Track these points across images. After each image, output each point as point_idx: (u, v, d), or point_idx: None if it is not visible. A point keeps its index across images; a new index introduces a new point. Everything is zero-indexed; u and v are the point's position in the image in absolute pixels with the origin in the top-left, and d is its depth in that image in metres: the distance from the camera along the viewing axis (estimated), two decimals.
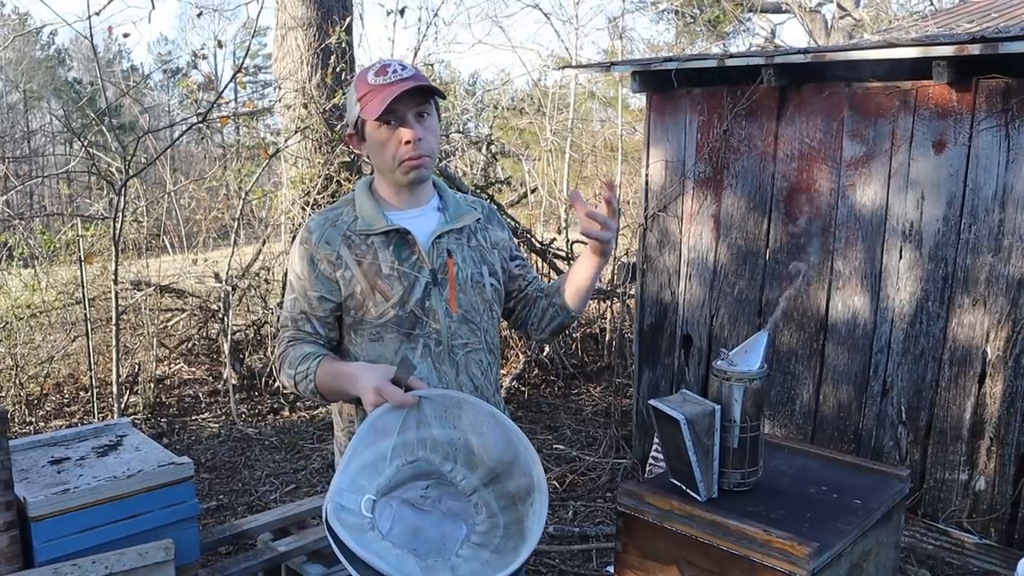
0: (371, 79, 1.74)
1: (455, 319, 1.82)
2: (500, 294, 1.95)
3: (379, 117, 1.71)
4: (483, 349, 1.89)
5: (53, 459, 2.71)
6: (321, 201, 6.20)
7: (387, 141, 1.75)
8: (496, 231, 1.96)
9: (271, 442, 5.03)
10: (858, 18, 12.13)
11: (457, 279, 1.82)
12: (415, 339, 1.79)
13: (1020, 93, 3.23)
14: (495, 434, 1.68)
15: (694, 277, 4.32)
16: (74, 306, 5.94)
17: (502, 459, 1.67)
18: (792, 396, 4.04)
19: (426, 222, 1.84)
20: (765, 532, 1.61)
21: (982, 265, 3.40)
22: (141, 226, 6.65)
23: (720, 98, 4.07)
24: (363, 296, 1.78)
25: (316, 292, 1.80)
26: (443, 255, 1.82)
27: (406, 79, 1.72)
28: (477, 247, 1.89)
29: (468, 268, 1.85)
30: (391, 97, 1.68)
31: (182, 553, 2.58)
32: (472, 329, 1.86)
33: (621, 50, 10.14)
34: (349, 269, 1.78)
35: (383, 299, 1.77)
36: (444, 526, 1.63)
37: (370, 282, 1.77)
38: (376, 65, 1.76)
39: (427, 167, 1.79)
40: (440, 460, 1.68)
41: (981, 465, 3.50)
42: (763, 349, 1.81)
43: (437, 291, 1.80)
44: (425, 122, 1.76)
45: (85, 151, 5.48)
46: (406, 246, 1.80)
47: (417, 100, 1.73)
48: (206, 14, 6.12)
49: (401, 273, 1.78)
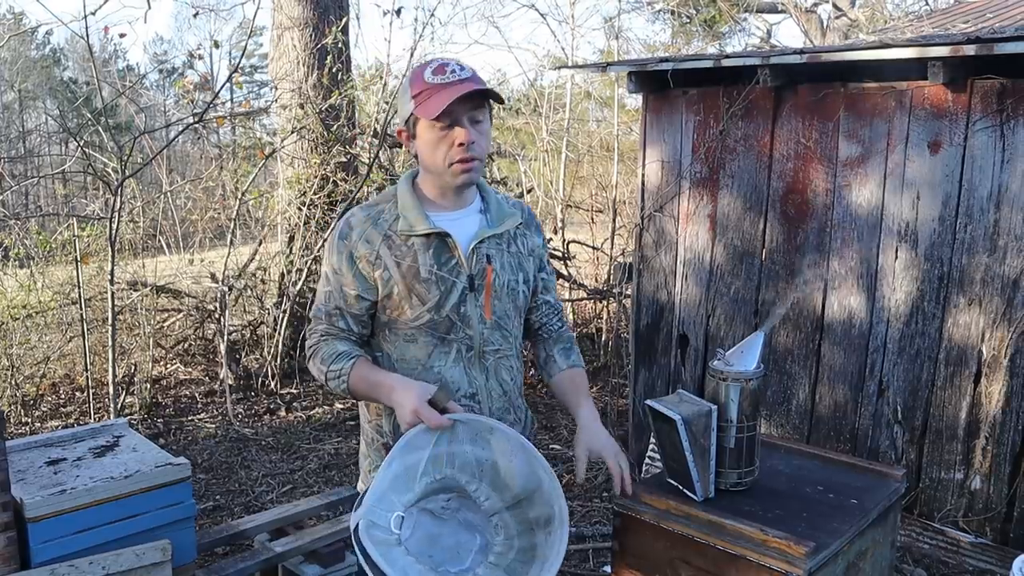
0: (428, 77, 1.71)
1: (488, 325, 1.82)
2: (528, 301, 1.95)
3: (436, 117, 1.68)
4: (513, 355, 1.90)
5: (50, 460, 2.70)
6: (318, 201, 6.20)
7: (439, 142, 1.73)
8: (533, 237, 1.95)
9: (268, 442, 5.03)
10: (854, 18, 12.15)
11: (494, 286, 1.82)
12: (448, 343, 1.80)
13: (1015, 94, 3.24)
14: (522, 462, 1.69)
15: (690, 277, 4.33)
16: (70, 306, 5.93)
17: (527, 487, 1.68)
18: (788, 396, 4.05)
19: (468, 225, 1.83)
20: (762, 532, 1.61)
21: (977, 265, 3.41)
22: (137, 226, 6.63)
23: (716, 98, 4.08)
24: (400, 298, 1.77)
25: (353, 290, 1.80)
26: (482, 261, 1.81)
27: (465, 80, 1.70)
28: (516, 253, 1.88)
29: (505, 275, 1.85)
30: (451, 99, 1.66)
31: (179, 554, 2.58)
32: (504, 335, 1.86)
33: (617, 50, 10.14)
34: (388, 270, 1.77)
35: (419, 302, 1.77)
36: (460, 535, 1.65)
37: (408, 284, 1.77)
38: (434, 63, 1.74)
39: (477, 171, 1.77)
40: (468, 479, 1.69)
41: (977, 464, 3.51)
42: (759, 349, 1.82)
43: (473, 297, 1.80)
44: (479, 126, 1.74)
45: (81, 151, 5.47)
46: (446, 250, 1.78)
47: (473, 103, 1.71)
48: (202, 14, 6.11)
49: (439, 277, 1.77)
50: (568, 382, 1.97)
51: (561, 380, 1.98)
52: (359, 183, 6.23)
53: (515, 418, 1.92)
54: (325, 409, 5.64)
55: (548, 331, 2.02)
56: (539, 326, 2.02)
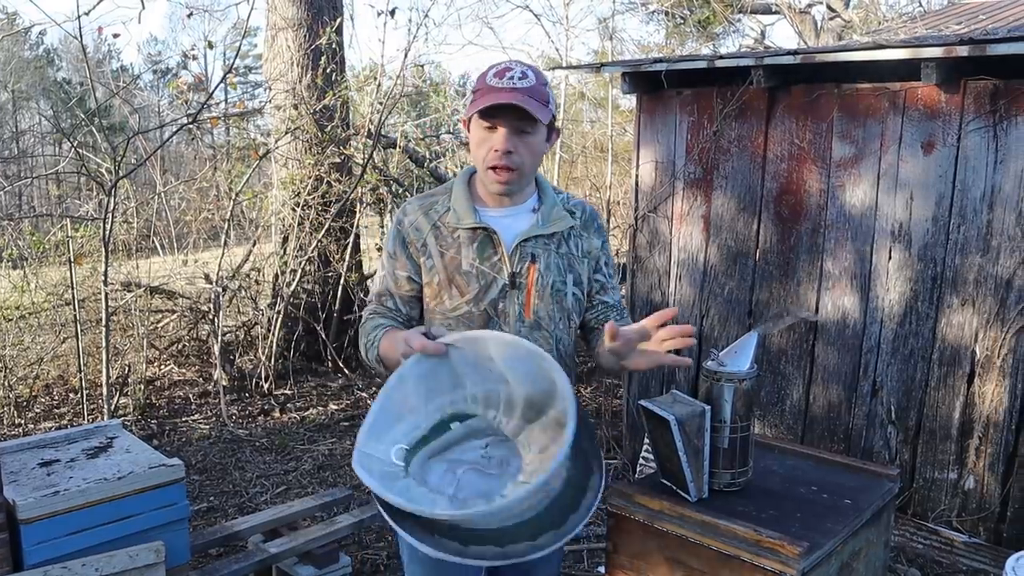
0: (489, 78, 1.74)
1: (527, 324, 1.82)
2: (582, 304, 1.93)
3: (480, 117, 1.73)
4: (554, 358, 1.83)
5: (43, 461, 2.70)
6: (312, 202, 6.19)
7: (482, 143, 1.77)
8: (591, 238, 1.93)
9: (262, 443, 5.02)
10: (848, 19, 12.18)
11: (536, 285, 1.82)
12: None
13: (1008, 94, 3.25)
14: (529, 365, 1.57)
15: (684, 278, 4.33)
16: (63, 307, 5.92)
17: (540, 388, 1.57)
18: (782, 396, 4.06)
19: (516, 223, 1.84)
20: (755, 532, 1.61)
21: (971, 265, 3.42)
22: (131, 227, 6.62)
23: (710, 99, 4.09)
24: (439, 287, 1.82)
25: (404, 272, 1.86)
26: (526, 259, 1.82)
27: (518, 89, 1.70)
28: (566, 254, 1.87)
29: (551, 275, 1.84)
30: (491, 103, 1.69)
31: (173, 555, 2.58)
32: (544, 337, 1.85)
33: (611, 51, 10.15)
34: (431, 259, 1.82)
35: (459, 294, 1.81)
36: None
37: (448, 275, 1.81)
38: (500, 65, 1.76)
39: (511, 183, 1.78)
40: (484, 393, 1.62)
41: (970, 464, 3.52)
42: (753, 350, 1.82)
43: (514, 294, 1.81)
44: (524, 137, 1.74)
45: (75, 152, 5.45)
46: (490, 245, 1.81)
47: (517, 115, 1.71)
48: (196, 15, 6.13)
49: (480, 271, 1.80)
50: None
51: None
52: (353, 184, 6.22)
53: None
54: (319, 410, 5.63)
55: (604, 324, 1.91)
56: (597, 324, 1.96)
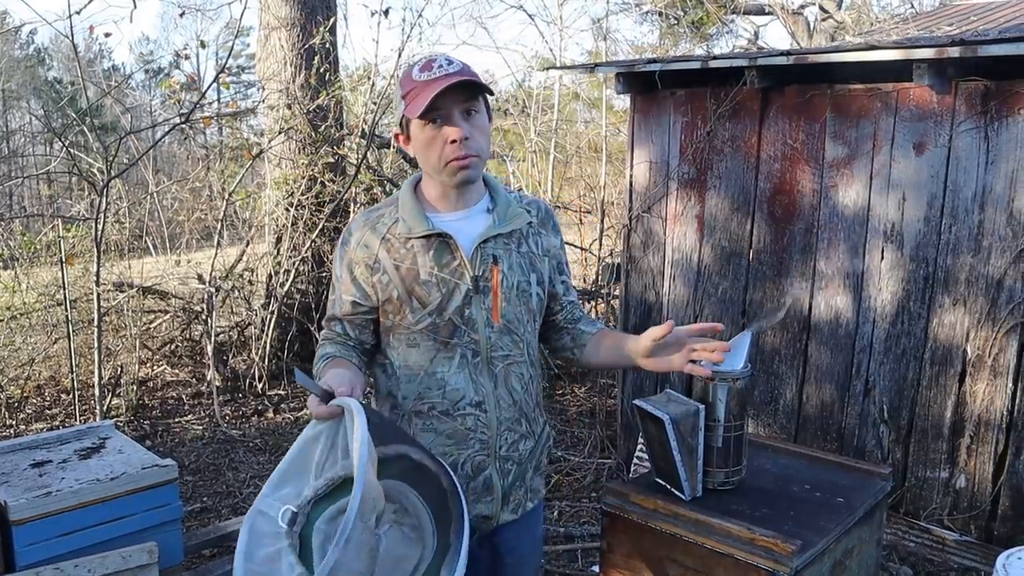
0: (416, 75, 1.64)
1: (496, 329, 1.74)
2: (544, 304, 1.86)
3: (422, 115, 1.61)
4: (525, 362, 1.81)
5: (35, 462, 2.69)
6: (305, 202, 6.18)
7: (432, 141, 1.66)
8: (549, 236, 1.87)
9: (255, 444, 5.01)
10: (840, 20, 12.22)
11: (502, 287, 1.74)
12: (452, 348, 1.72)
13: (999, 95, 3.27)
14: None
15: (678, 277, 4.34)
16: (55, 308, 5.89)
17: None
18: (776, 395, 4.07)
19: (472, 225, 1.75)
20: (749, 530, 1.62)
21: (962, 265, 3.44)
22: (123, 227, 6.60)
23: (704, 99, 4.09)
24: (400, 302, 1.71)
25: (349, 297, 1.76)
26: (487, 261, 1.73)
27: (451, 74, 1.62)
28: (527, 253, 1.80)
29: (515, 276, 1.76)
30: (432, 94, 1.59)
31: (166, 556, 2.57)
32: (515, 341, 1.77)
33: (605, 51, 10.17)
34: (386, 273, 1.72)
35: (420, 305, 1.71)
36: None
37: (407, 287, 1.71)
38: (421, 60, 1.67)
39: (475, 168, 1.69)
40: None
41: (961, 463, 3.54)
42: (747, 349, 1.82)
43: (479, 299, 1.72)
44: (473, 120, 1.66)
45: (66, 151, 5.44)
46: (447, 251, 1.71)
47: (464, 96, 1.63)
48: (188, 14, 6.12)
49: (440, 279, 1.70)
50: (603, 335, 1.87)
51: (596, 338, 1.87)
52: (347, 184, 6.21)
53: (528, 430, 1.83)
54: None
55: (572, 322, 1.92)
56: (564, 324, 1.92)
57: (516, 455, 1.81)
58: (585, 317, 1.95)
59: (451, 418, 1.73)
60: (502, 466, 1.79)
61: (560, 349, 1.95)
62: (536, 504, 1.93)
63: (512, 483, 1.82)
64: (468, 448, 1.75)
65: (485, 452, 1.76)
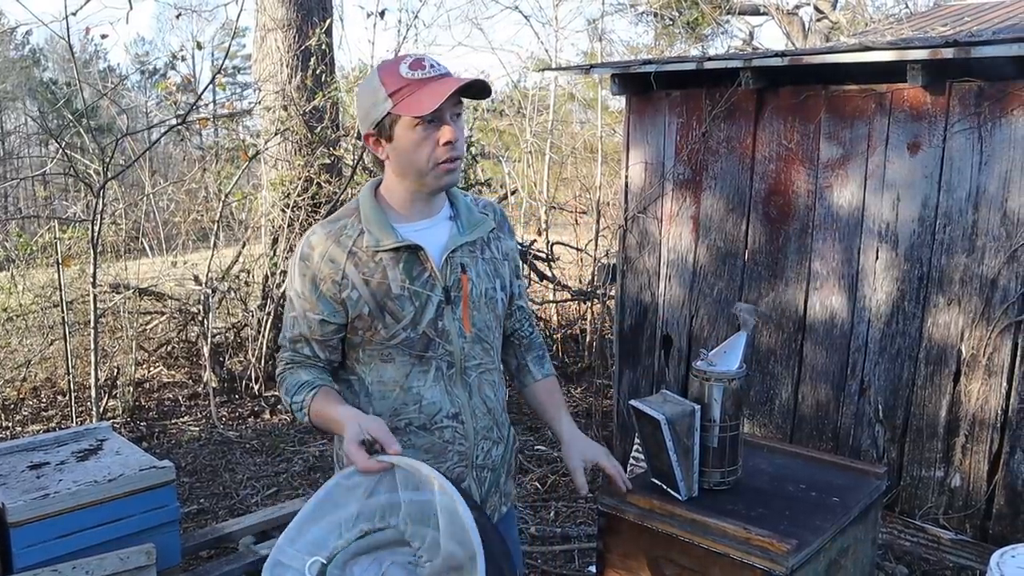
0: (406, 72, 1.58)
1: (468, 339, 1.72)
2: (507, 308, 1.85)
3: (432, 113, 1.55)
4: (495, 369, 1.82)
5: (32, 464, 2.69)
6: (301, 203, 6.18)
7: (423, 142, 1.59)
8: (507, 240, 1.84)
9: (252, 445, 5.01)
10: (835, 21, 12.25)
11: (471, 296, 1.71)
12: (427, 361, 1.69)
13: (992, 96, 3.28)
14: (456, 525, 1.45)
15: (674, 278, 4.35)
16: (51, 309, 5.89)
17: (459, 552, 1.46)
18: (771, 395, 4.08)
19: (438, 234, 1.71)
20: (745, 530, 1.62)
21: (956, 265, 3.45)
22: (119, 228, 6.59)
23: (699, 100, 4.11)
24: (372, 317, 1.65)
25: (317, 315, 1.68)
26: (456, 271, 1.70)
27: (445, 75, 1.58)
28: (491, 259, 1.78)
29: (483, 283, 1.74)
30: (447, 94, 1.54)
31: (163, 557, 2.57)
32: (485, 349, 1.77)
33: (601, 52, 10.19)
34: (356, 289, 1.65)
35: (393, 320, 1.66)
36: None
37: (379, 302, 1.65)
38: (408, 58, 1.61)
39: (460, 171, 1.67)
40: (413, 531, 1.51)
41: (956, 462, 3.55)
42: (742, 349, 1.83)
43: (450, 310, 1.69)
44: (458, 122, 1.63)
45: (62, 153, 5.43)
46: (417, 263, 1.66)
47: (455, 99, 1.60)
48: (185, 15, 6.11)
49: (412, 292, 1.66)
50: (545, 394, 1.93)
51: (537, 391, 1.93)
52: (343, 185, 6.21)
53: (499, 436, 1.84)
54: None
55: (520, 337, 1.95)
56: (511, 332, 1.94)
57: (490, 462, 1.81)
58: (535, 345, 1.98)
59: (429, 432, 1.71)
60: (479, 475, 1.79)
61: (504, 365, 1.97)
62: (509, 507, 1.94)
63: (488, 490, 1.83)
64: (447, 460, 1.74)
65: (463, 463, 1.76)
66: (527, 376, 1.95)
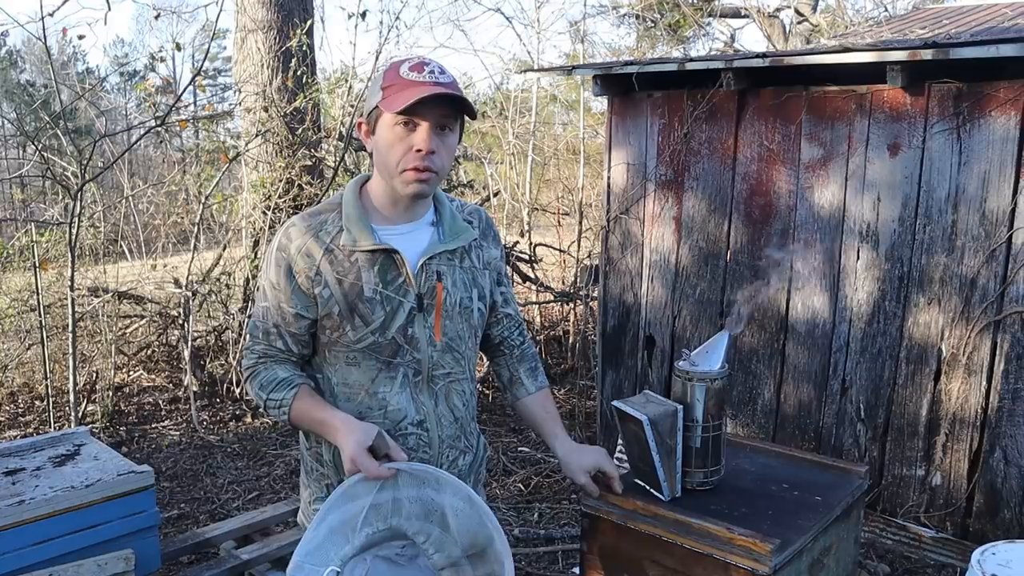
0: (404, 72, 1.58)
1: (438, 348, 1.70)
2: (485, 318, 1.83)
3: (400, 111, 1.54)
4: (466, 379, 1.79)
5: (7, 470, 2.65)
6: (283, 205, 6.14)
7: (397, 142, 1.58)
8: (490, 248, 1.82)
9: (233, 449, 4.97)
10: (815, 23, 12.34)
11: (444, 305, 1.69)
12: (394, 367, 1.68)
13: (970, 97, 3.31)
14: (471, 517, 1.57)
15: (656, 279, 4.36)
16: (29, 313, 5.82)
17: (476, 543, 1.58)
18: (754, 395, 4.09)
19: (417, 239, 1.69)
20: (728, 530, 1.62)
21: (936, 265, 3.47)
22: (98, 231, 6.53)
23: (681, 101, 4.12)
24: (341, 318, 1.64)
25: (292, 308, 1.66)
26: (432, 278, 1.67)
27: (441, 83, 1.56)
28: (470, 268, 1.75)
29: (458, 293, 1.71)
30: (420, 95, 1.52)
31: (143, 563, 2.55)
32: (456, 358, 1.74)
33: (583, 54, 10.21)
34: (328, 287, 1.63)
35: (362, 323, 1.64)
36: None
37: (350, 304, 1.63)
38: (413, 60, 1.61)
39: (431, 184, 1.62)
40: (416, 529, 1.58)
41: (937, 461, 3.58)
42: (724, 349, 1.83)
43: (422, 317, 1.67)
44: (444, 136, 1.60)
45: (39, 155, 5.36)
46: (393, 267, 1.65)
47: (444, 110, 1.58)
48: (164, 16, 6.03)
49: (384, 297, 1.64)
50: (540, 408, 1.91)
51: (531, 405, 1.91)
52: (325, 186, 6.18)
53: (466, 444, 1.82)
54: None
55: (510, 347, 1.94)
56: (500, 341, 1.93)
57: (456, 471, 1.79)
58: (527, 356, 1.96)
59: (392, 438, 1.69)
60: None
61: (496, 376, 1.97)
62: None
63: None
64: None
65: None
66: (520, 389, 1.93)
